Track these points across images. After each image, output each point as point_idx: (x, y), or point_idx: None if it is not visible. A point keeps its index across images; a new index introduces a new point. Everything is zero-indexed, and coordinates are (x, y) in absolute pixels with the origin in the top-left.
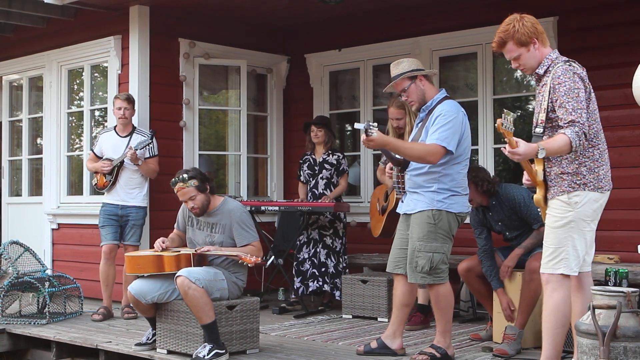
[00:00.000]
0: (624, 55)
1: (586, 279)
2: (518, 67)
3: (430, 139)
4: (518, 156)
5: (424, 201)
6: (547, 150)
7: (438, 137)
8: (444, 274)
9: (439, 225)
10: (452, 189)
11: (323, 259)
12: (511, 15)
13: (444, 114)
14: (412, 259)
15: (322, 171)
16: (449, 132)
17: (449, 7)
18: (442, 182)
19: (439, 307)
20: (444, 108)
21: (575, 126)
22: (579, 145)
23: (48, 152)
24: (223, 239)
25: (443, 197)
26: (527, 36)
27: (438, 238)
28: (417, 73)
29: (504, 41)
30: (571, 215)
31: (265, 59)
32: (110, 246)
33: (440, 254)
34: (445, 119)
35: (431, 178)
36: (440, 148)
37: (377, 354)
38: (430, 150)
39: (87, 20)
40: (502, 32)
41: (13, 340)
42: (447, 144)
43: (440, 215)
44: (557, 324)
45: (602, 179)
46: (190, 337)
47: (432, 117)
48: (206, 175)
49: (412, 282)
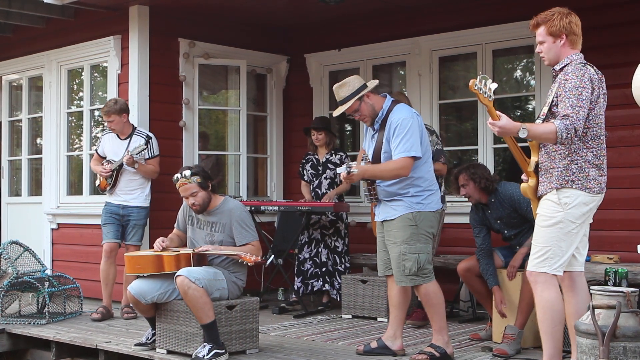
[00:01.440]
0: (624, 55)
1: (579, 279)
2: (540, 52)
3: (396, 153)
4: (497, 129)
5: (403, 205)
6: (529, 131)
7: (403, 148)
8: (431, 273)
9: (420, 225)
10: (428, 189)
11: (324, 259)
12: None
13: (400, 123)
14: (399, 263)
15: (326, 171)
16: (411, 141)
17: (448, 7)
18: (416, 186)
19: (431, 305)
20: (399, 117)
21: (567, 119)
22: (566, 138)
23: (48, 152)
24: (223, 237)
25: (421, 198)
26: (558, 29)
27: (421, 239)
28: (363, 92)
29: (538, 24)
30: (560, 216)
31: (265, 59)
32: (110, 245)
33: (426, 254)
34: (403, 128)
35: (405, 184)
36: (409, 159)
37: (377, 354)
38: (402, 165)
39: (86, 20)
40: (542, 16)
41: (13, 340)
42: (415, 152)
43: (420, 216)
44: (553, 322)
45: (592, 181)
46: (189, 337)
47: (389, 128)
48: (209, 173)
49: (401, 285)
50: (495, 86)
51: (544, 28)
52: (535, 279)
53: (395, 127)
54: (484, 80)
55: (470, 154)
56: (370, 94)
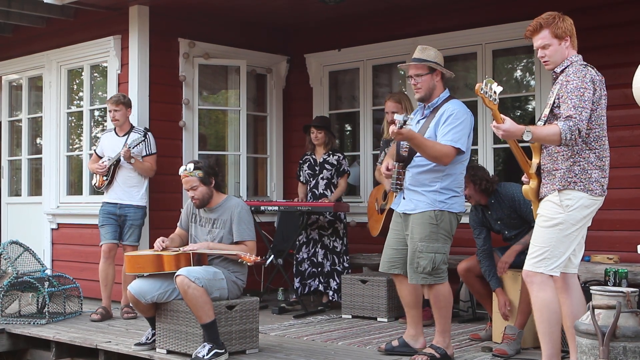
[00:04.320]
0: (624, 55)
1: (572, 280)
2: (543, 57)
3: (444, 139)
4: (502, 132)
5: (425, 201)
6: (533, 134)
7: (452, 138)
8: (444, 273)
9: (441, 225)
10: (454, 189)
11: (320, 259)
12: (552, 10)
13: (456, 114)
14: (413, 260)
15: (323, 171)
16: (461, 133)
17: (448, 7)
18: (444, 182)
19: (439, 307)
20: (455, 108)
21: (570, 121)
22: (570, 140)
23: (48, 152)
24: (223, 233)
25: (445, 197)
26: (563, 31)
27: (440, 238)
28: (438, 68)
29: (541, 27)
30: (561, 217)
31: (265, 59)
32: (109, 245)
33: (442, 254)
34: (457, 119)
35: (435, 177)
36: (454, 150)
37: (399, 354)
38: (446, 153)
39: (86, 20)
40: (543, 19)
41: (12, 340)
42: (461, 145)
43: (442, 216)
44: (550, 322)
45: (594, 182)
46: (189, 337)
47: (441, 115)
48: (215, 170)
49: (413, 282)
50: (500, 89)
51: (549, 31)
52: (532, 280)
53: (450, 115)
54: (490, 84)
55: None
56: (439, 77)
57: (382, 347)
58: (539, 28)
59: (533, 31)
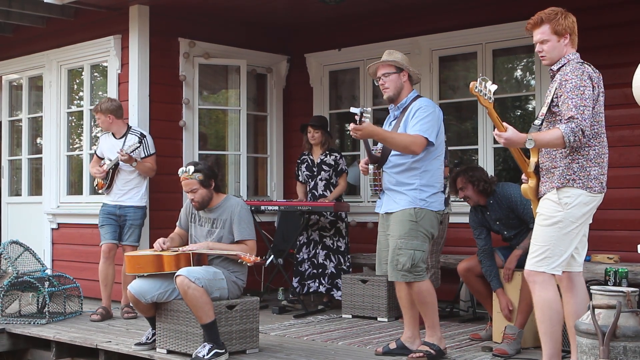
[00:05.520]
0: (624, 55)
1: (578, 279)
2: (541, 52)
3: (413, 130)
4: (503, 140)
5: (405, 199)
6: (536, 141)
7: (420, 128)
8: (424, 272)
9: (420, 223)
10: (433, 185)
11: (321, 260)
12: (555, 7)
13: (423, 107)
14: (393, 257)
15: (321, 172)
16: (429, 125)
17: (448, 7)
18: (423, 178)
19: (424, 302)
20: (422, 103)
21: (572, 122)
22: (574, 142)
23: (48, 152)
24: (223, 233)
25: (426, 195)
26: (564, 28)
27: (419, 236)
28: (406, 67)
29: (542, 21)
30: (560, 215)
31: (265, 58)
32: (109, 245)
33: (421, 252)
34: (425, 112)
35: (412, 174)
36: (423, 139)
37: (396, 355)
38: (415, 141)
39: (87, 20)
40: (545, 13)
41: (13, 340)
42: (429, 135)
43: (422, 213)
44: (552, 322)
45: (593, 180)
46: (190, 337)
47: (410, 112)
48: (215, 171)
49: (393, 280)
50: (495, 88)
51: (549, 26)
52: (534, 279)
53: (417, 109)
54: (484, 82)
55: (470, 154)
56: (407, 75)
57: (379, 350)
58: (539, 22)
59: (534, 25)
